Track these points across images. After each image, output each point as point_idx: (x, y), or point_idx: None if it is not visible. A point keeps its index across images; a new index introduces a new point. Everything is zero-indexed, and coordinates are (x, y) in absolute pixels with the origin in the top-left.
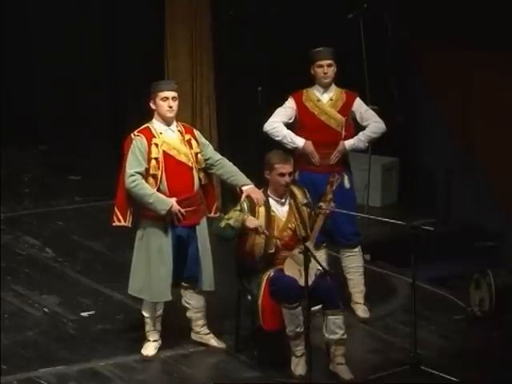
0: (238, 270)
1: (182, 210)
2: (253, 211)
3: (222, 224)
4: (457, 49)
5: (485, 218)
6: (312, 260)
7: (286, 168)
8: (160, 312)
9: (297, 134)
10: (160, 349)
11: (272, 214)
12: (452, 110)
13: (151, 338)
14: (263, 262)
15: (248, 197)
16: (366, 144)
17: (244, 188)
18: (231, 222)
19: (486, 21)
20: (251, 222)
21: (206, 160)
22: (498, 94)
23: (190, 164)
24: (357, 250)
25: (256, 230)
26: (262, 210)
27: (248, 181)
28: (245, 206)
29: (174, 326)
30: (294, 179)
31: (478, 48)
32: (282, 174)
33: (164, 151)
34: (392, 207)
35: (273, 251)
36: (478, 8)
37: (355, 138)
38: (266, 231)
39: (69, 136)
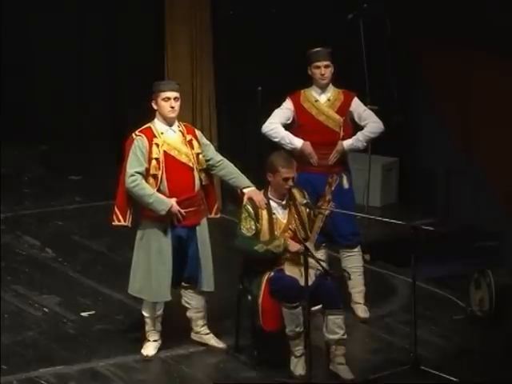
0: (243, 269)
1: (182, 211)
2: (256, 214)
3: (261, 249)
4: (457, 49)
5: (484, 218)
6: (312, 260)
7: (291, 172)
8: (160, 312)
9: (295, 134)
10: (160, 349)
11: (273, 216)
12: (452, 110)
13: (151, 338)
14: (268, 262)
15: (250, 199)
16: (365, 144)
17: (245, 190)
18: (272, 247)
19: (485, 21)
20: (294, 247)
21: (207, 161)
22: (498, 94)
23: (191, 164)
24: (356, 250)
25: (296, 252)
26: (264, 213)
27: (249, 183)
28: (250, 209)
29: (174, 326)
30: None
31: (478, 48)
32: (287, 179)
33: (165, 151)
34: (392, 207)
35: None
36: (478, 8)
37: (353, 137)
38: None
39: (69, 136)
